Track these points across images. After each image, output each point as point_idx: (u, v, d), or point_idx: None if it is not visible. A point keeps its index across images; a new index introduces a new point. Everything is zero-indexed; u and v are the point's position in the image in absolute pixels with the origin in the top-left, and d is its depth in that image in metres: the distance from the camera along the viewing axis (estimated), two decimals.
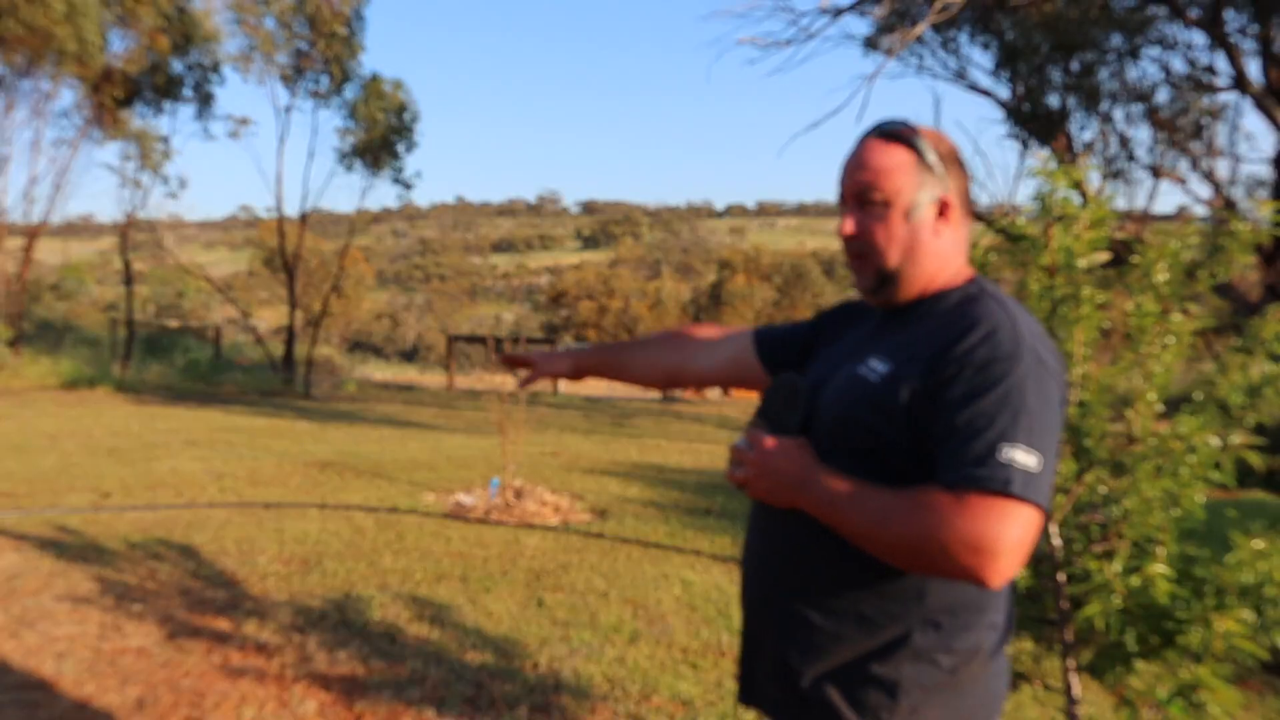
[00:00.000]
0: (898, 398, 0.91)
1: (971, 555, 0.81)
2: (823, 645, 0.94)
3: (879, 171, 0.96)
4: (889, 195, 0.95)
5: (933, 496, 0.84)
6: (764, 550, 1.02)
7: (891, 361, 0.94)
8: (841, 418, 0.95)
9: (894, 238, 0.96)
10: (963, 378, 0.87)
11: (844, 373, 0.98)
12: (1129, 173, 10.17)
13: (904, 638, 0.92)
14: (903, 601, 0.92)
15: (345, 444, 7.18)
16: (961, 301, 0.95)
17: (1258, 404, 1.58)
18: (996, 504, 0.82)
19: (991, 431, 0.84)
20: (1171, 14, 8.83)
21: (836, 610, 0.94)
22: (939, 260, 0.97)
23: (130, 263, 13.33)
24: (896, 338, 0.97)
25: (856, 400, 0.94)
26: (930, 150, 0.96)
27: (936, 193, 0.96)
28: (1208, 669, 1.40)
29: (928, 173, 0.96)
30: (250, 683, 2.41)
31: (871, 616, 0.92)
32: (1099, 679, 1.62)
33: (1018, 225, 1.68)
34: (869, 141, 0.98)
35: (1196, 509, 1.56)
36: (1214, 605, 1.45)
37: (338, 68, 12.10)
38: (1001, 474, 0.82)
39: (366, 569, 3.57)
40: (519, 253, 79.08)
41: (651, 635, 2.92)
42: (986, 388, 0.86)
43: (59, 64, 10.80)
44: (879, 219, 0.96)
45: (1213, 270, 1.62)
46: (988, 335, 0.89)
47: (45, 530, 3.95)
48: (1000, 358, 0.88)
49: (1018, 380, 0.87)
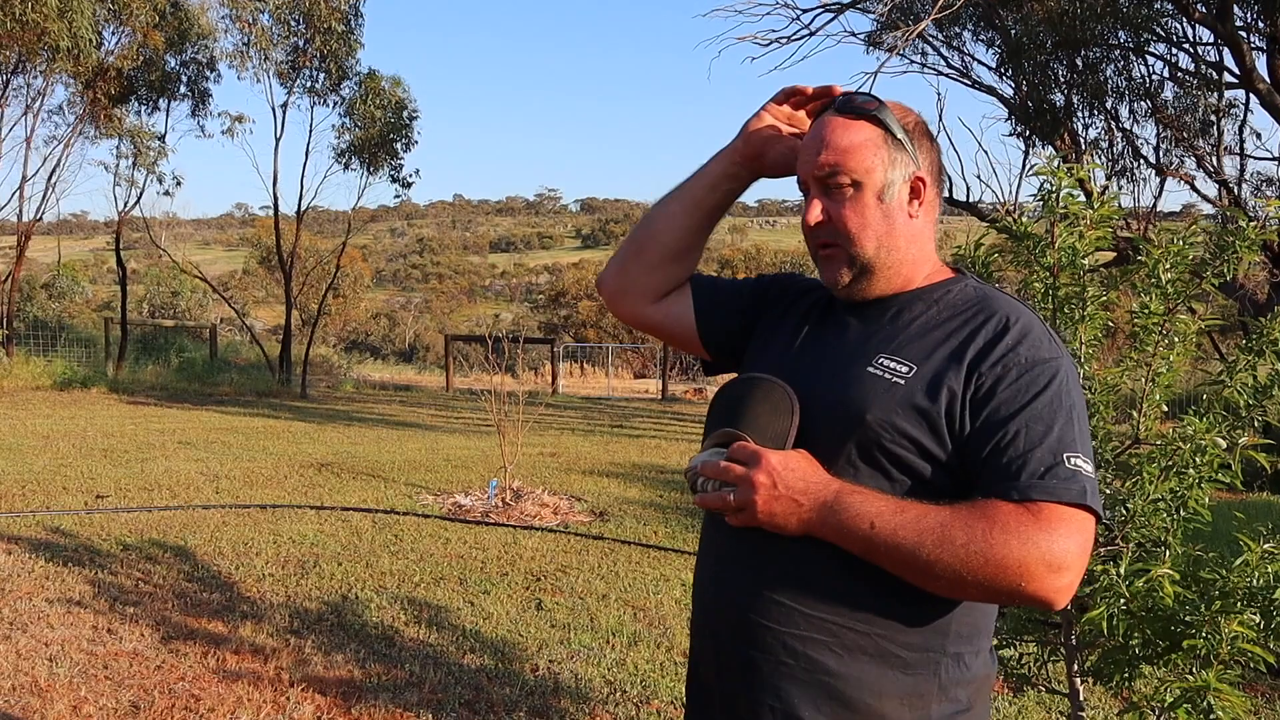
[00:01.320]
0: (935, 399, 0.81)
1: (1051, 573, 0.74)
2: (840, 693, 0.82)
3: (845, 150, 0.85)
4: (859, 175, 0.84)
5: (1001, 511, 0.75)
6: (745, 584, 0.86)
7: (911, 361, 0.83)
8: (861, 422, 0.82)
9: (868, 223, 0.85)
10: (1008, 379, 0.80)
11: (842, 373, 0.86)
12: (1134, 171, 10.18)
13: (933, 674, 0.83)
14: (928, 634, 0.83)
15: (342, 445, 7.15)
16: (973, 296, 0.87)
17: (1265, 405, 1.56)
18: (1073, 516, 0.76)
19: (1052, 438, 0.78)
20: (1177, 10, 8.81)
21: (855, 649, 0.82)
22: (918, 245, 0.88)
23: (124, 261, 13.26)
24: (899, 333, 0.86)
25: (883, 403, 0.82)
26: (897, 123, 0.86)
27: (910, 170, 0.86)
28: (1214, 673, 1.39)
29: (898, 148, 0.86)
30: (246, 686, 2.38)
31: (898, 654, 0.82)
32: (1104, 683, 1.60)
33: (1021, 224, 1.66)
34: (829, 119, 0.87)
35: (1203, 511, 1.54)
36: (1221, 608, 1.43)
37: (335, 65, 12.04)
38: (1075, 484, 0.76)
39: (364, 571, 3.55)
40: (518, 252, 79.03)
41: (651, 638, 2.90)
42: (1038, 391, 0.79)
43: (52, 60, 10.73)
44: (849, 203, 0.85)
45: (1219, 269, 1.60)
46: (1025, 334, 0.82)
47: (38, 532, 3.92)
48: (1045, 358, 0.81)
49: (1063, 381, 0.81)
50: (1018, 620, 1.73)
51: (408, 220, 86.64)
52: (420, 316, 45.34)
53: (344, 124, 12.40)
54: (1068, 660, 1.64)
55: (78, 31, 10.31)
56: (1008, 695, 2.50)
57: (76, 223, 47.28)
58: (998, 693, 2.53)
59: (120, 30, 11.59)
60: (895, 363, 0.84)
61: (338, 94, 12.35)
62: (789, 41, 8.65)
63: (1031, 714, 2.43)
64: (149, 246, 15.75)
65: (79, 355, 12.78)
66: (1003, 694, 2.51)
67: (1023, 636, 1.72)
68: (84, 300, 22.57)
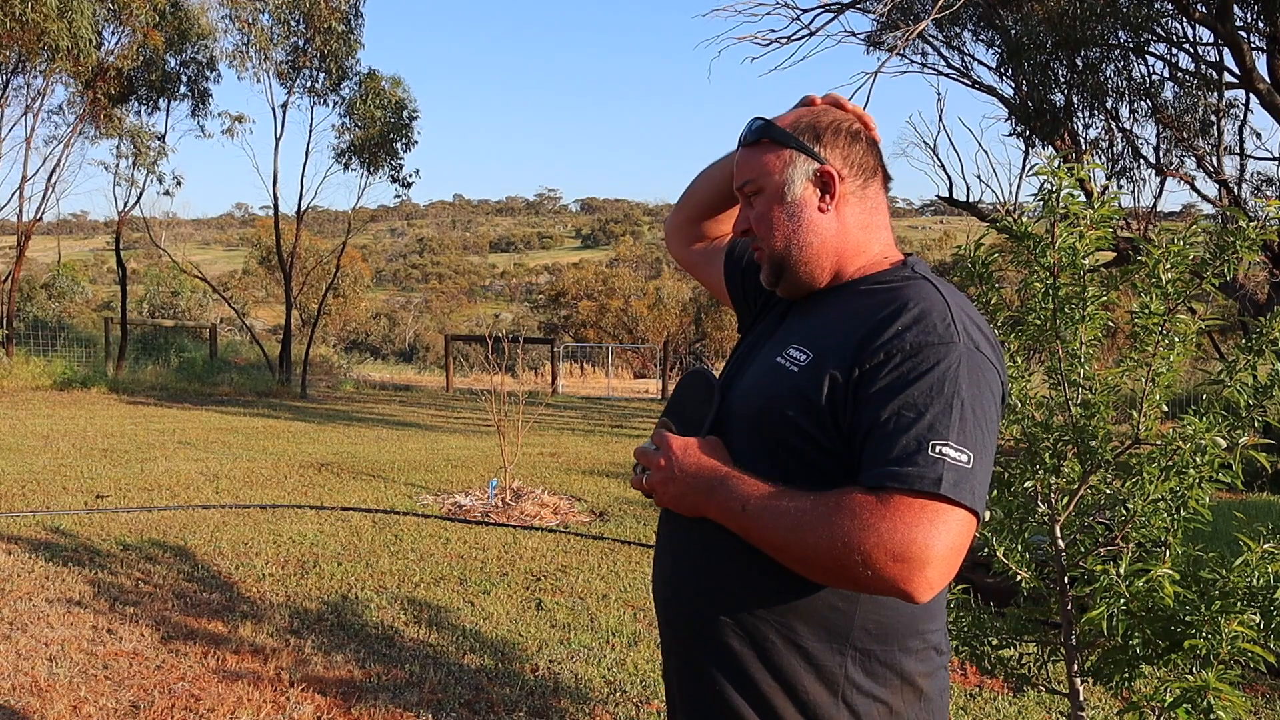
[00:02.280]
0: (820, 388, 0.81)
1: (896, 564, 0.72)
2: (753, 678, 0.83)
3: (746, 167, 0.94)
4: (760, 183, 0.92)
5: (852, 499, 0.75)
6: (674, 570, 0.91)
7: (811, 349, 0.85)
8: (760, 410, 0.85)
9: (774, 222, 0.91)
10: (890, 364, 0.78)
11: (762, 362, 0.90)
12: (1134, 171, 10.18)
13: (839, 667, 0.82)
14: (830, 626, 0.82)
15: (342, 445, 7.14)
16: (889, 283, 0.87)
17: (1266, 404, 1.56)
18: (925, 506, 0.72)
19: (920, 425, 0.75)
20: (1177, 10, 8.81)
21: (761, 636, 0.83)
22: (840, 238, 0.90)
23: (124, 261, 13.26)
24: (814, 323, 0.89)
25: (776, 392, 0.84)
26: (782, 130, 0.91)
27: (810, 166, 0.90)
28: (1215, 673, 1.39)
29: (795, 151, 0.90)
30: (246, 686, 2.38)
31: (801, 645, 0.82)
32: (1104, 683, 1.60)
33: (1022, 224, 1.66)
34: (738, 154, 0.97)
35: (1203, 511, 1.54)
36: (1221, 608, 1.43)
37: (335, 64, 12.04)
38: (931, 472, 0.73)
39: (364, 571, 3.55)
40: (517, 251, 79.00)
41: (651, 638, 2.90)
42: (916, 376, 0.76)
43: (52, 60, 10.73)
44: (758, 209, 0.93)
45: (1219, 269, 1.60)
46: (918, 318, 0.80)
47: (38, 532, 3.92)
48: (932, 343, 0.78)
49: (950, 367, 0.77)
50: (1018, 621, 1.73)
51: (408, 220, 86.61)
52: (420, 316, 45.32)
53: (344, 124, 12.41)
54: (1068, 660, 1.64)
55: (77, 31, 10.31)
56: (1008, 695, 2.50)
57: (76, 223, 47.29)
58: (997, 692, 2.53)
59: (120, 30, 11.60)
60: (798, 351, 0.86)
61: (338, 94, 12.35)
62: (789, 41, 8.65)
63: (1031, 714, 2.43)
64: (149, 246, 15.75)
65: (79, 355, 12.78)
66: (1003, 694, 2.51)
67: (1023, 637, 1.72)
68: (84, 300, 22.57)
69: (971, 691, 2.54)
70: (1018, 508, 1.67)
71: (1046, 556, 1.66)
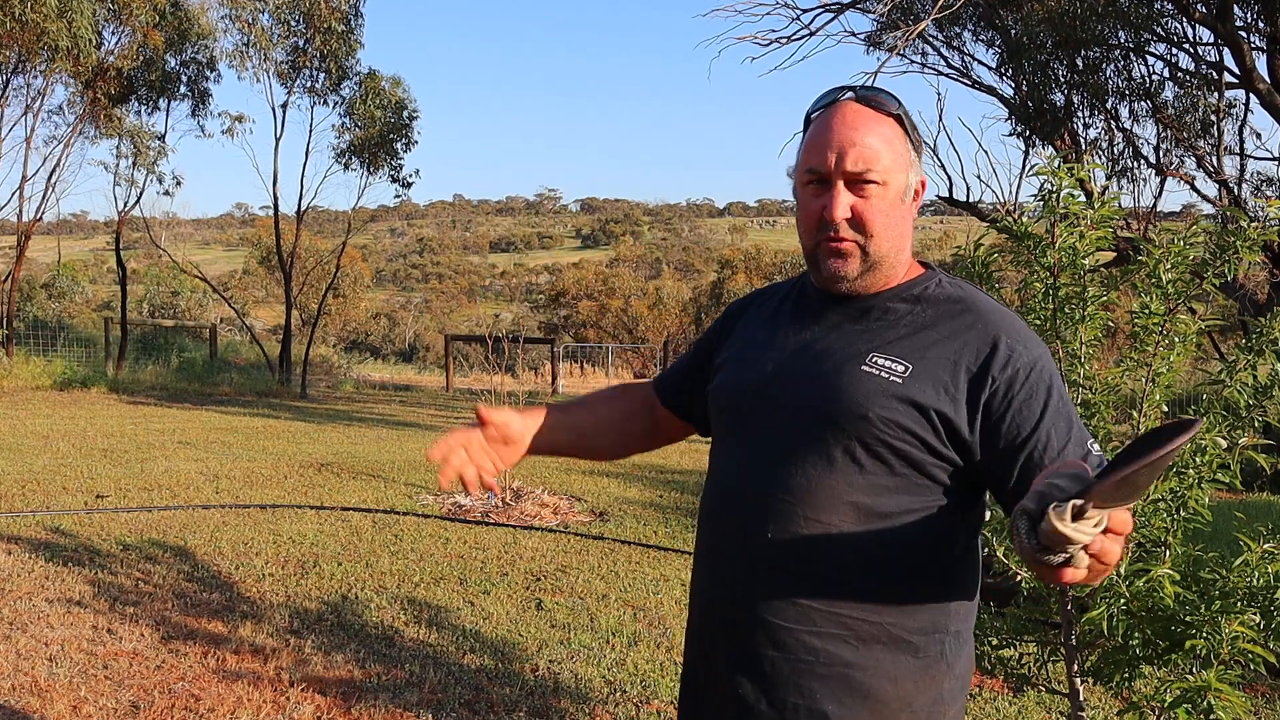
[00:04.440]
0: (934, 398, 0.84)
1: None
2: (860, 683, 0.84)
3: (877, 149, 0.84)
4: (887, 176, 0.85)
5: None
6: (756, 585, 0.87)
7: (907, 361, 0.85)
8: (866, 419, 0.84)
9: (891, 222, 0.86)
10: (1018, 383, 0.84)
11: (842, 373, 0.87)
12: (1134, 171, 10.17)
13: (940, 654, 0.86)
14: (934, 617, 0.86)
15: (342, 444, 7.15)
16: (952, 296, 0.90)
17: (1266, 405, 1.56)
18: None
19: (1076, 431, 0.84)
20: (1178, 10, 8.81)
21: (869, 639, 0.84)
22: (909, 243, 0.92)
23: (124, 261, 13.26)
24: (887, 333, 0.87)
25: (884, 402, 0.84)
26: (914, 126, 0.89)
27: (919, 173, 0.90)
28: (1215, 673, 1.39)
29: (914, 151, 0.88)
30: (246, 686, 2.38)
31: (908, 639, 0.85)
32: (1104, 683, 1.60)
33: (1022, 224, 1.66)
34: (855, 110, 0.86)
35: (1203, 511, 1.54)
36: (1221, 608, 1.43)
37: (335, 65, 12.04)
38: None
39: (364, 571, 3.54)
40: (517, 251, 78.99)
41: (651, 638, 2.90)
42: (1046, 390, 0.85)
43: (51, 60, 10.73)
44: (875, 200, 0.85)
45: (1220, 269, 1.60)
46: (1014, 333, 0.87)
47: (38, 532, 3.92)
48: (1039, 354, 0.87)
49: (1054, 373, 0.87)
50: (1018, 621, 1.73)
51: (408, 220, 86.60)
52: (420, 316, 45.32)
53: (344, 124, 12.40)
54: (1068, 660, 1.64)
55: (77, 31, 10.31)
56: (1008, 695, 2.49)
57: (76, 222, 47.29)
58: (997, 692, 2.53)
59: (120, 30, 11.59)
60: (890, 361, 0.87)
61: (338, 94, 12.34)
62: (789, 41, 8.65)
63: (1032, 714, 2.43)
64: (149, 246, 15.75)
65: (79, 355, 12.78)
66: (1003, 694, 2.51)
67: (1023, 637, 1.72)
68: (84, 300, 22.57)
69: (971, 691, 2.54)
70: None
71: None
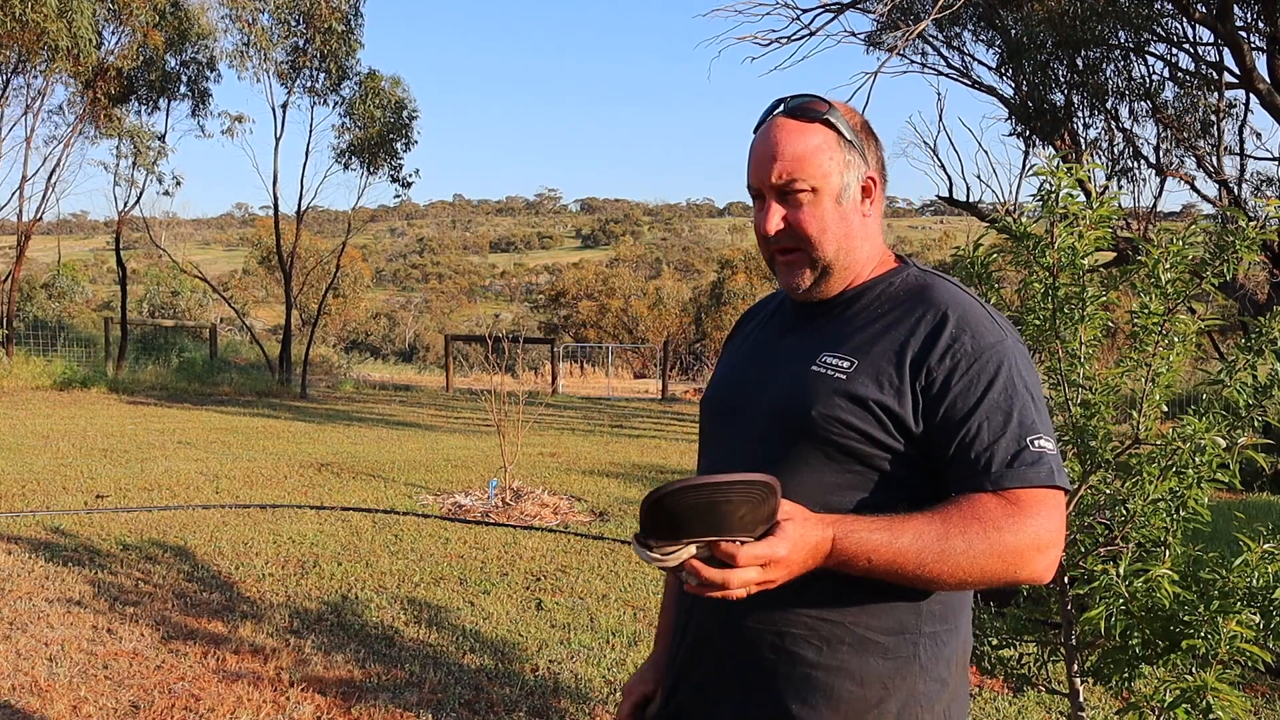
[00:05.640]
0: (875, 392, 0.83)
1: (1039, 555, 0.78)
2: (826, 684, 0.83)
3: (801, 157, 0.85)
4: (816, 181, 0.85)
5: (987, 507, 0.78)
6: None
7: (852, 356, 0.85)
8: (811, 419, 0.84)
9: (828, 227, 0.87)
10: (959, 371, 0.82)
11: (788, 375, 0.88)
12: (1134, 171, 10.18)
13: (913, 656, 0.84)
14: (903, 618, 0.83)
15: (342, 445, 7.14)
16: (912, 287, 0.88)
17: (1265, 404, 1.56)
18: (1045, 497, 0.79)
19: (1014, 425, 0.81)
20: (1178, 10, 8.82)
21: (834, 640, 0.83)
22: (870, 244, 0.90)
23: (124, 261, 13.26)
24: (840, 330, 0.88)
25: (827, 400, 0.84)
26: (847, 125, 0.87)
27: (862, 170, 0.88)
28: (1214, 673, 1.39)
29: (850, 150, 0.87)
30: (246, 686, 2.38)
31: (876, 641, 0.83)
32: (1104, 683, 1.60)
33: (1021, 224, 1.67)
34: (781, 123, 0.87)
35: (1203, 511, 1.54)
36: (1220, 608, 1.43)
37: (335, 65, 12.05)
38: (1044, 466, 0.80)
39: (364, 571, 3.55)
40: (517, 251, 78.99)
41: (651, 638, 2.90)
42: (990, 379, 0.82)
43: (52, 60, 10.73)
44: (808, 208, 0.86)
45: (1219, 269, 1.60)
46: (964, 320, 0.84)
47: (38, 532, 3.92)
48: (991, 343, 0.83)
49: (1013, 363, 0.83)
50: (1018, 621, 1.73)
51: (408, 220, 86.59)
52: (420, 316, 45.32)
53: (344, 124, 12.41)
54: (1067, 660, 1.64)
55: (77, 31, 10.32)
56: (1008, 695, 2.50)
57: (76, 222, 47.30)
58: (997, 692, 2.53)
59: (120, 30, 11.60)
60: (837, 358, 0.86)
61: (338, 94, 12.35)
62: (789, 41, 8.67)
63: (1031, 714, 2.43)
64: (149, 246, 15.75)
65: (79, 355, 12.78)
66: (1003, 694, 2.51)
67: (1023, 637, 1.73)
68: (84, 300, 22.57)
69: (971, 691, 2.54)
70: None
71: None
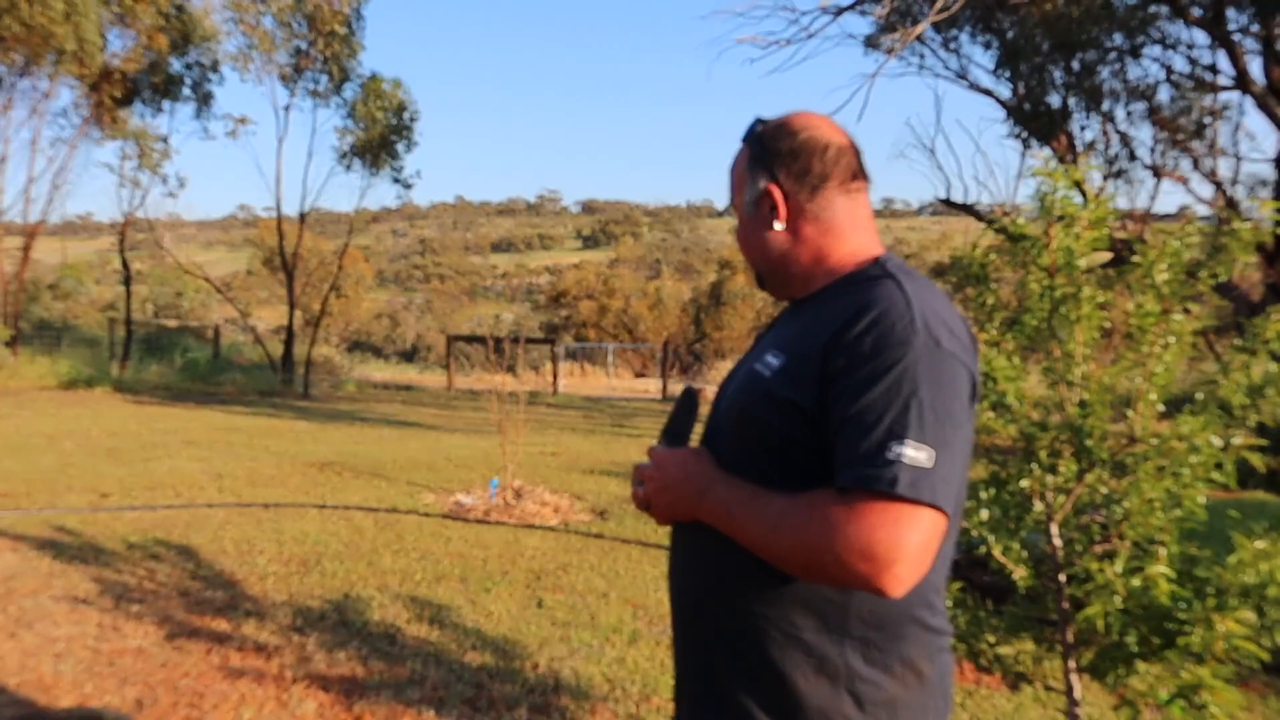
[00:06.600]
0: (793, 390, 0.84)
1: (865, 563, 0.75)
2: (760, 674, 0.85)
3: (730, 183, 0.98)
4: (736, 198, 0.97)
5: (822, 501, 0.78)
6: (683, 563, 0.94)
7: (784, 353, 0.88)
8: (739, 417, 0.89)
9: (746, 239, 0.97)
10: (852, 368, 0.80)
11: (743, 371, 0.95)
12: (1130, 172, 10.20)
13: (839, 655, 0.83)
14: (827, 614, 0.84)
15: (344, 444, 7.17)
16: (856, 285, 0.88)
17: (1260, 404, 1.57)
18: (888, 507, 0.75)
19: (881, 428, 0.77)
20: (1173, 13, 8.84)
21: (763, 634, 0.85)
22: (805, 248, 0.92)
23: (129, 262, 13.32)
24: (789, 329, 0.93)
25: (751, 398, 0.88)
26: (760, 142, 0.94)
27: (760, 185, 0.93)
28: (1209, 670, 1.40)
29: (756, 166, 0.94)
30: (249, 683, 2.40)
31: (800, 637, 0.84)
32: (1100, 680, 1.61)
33: (1018, 225, 1.68)
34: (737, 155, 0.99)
35: (1198, 509, 1.55)
36: (1215, 606, 1.44)
37: (337, 67, 12.10)
38: (888, 473, 0.75)
39: (366, 569, 3.56)
40: (518, 252, 79.06)
41: (652, 636, 2.91)
42: (875, 378, 0.78)
43: (57, 63, 10.79)
44: (738, 225, 0.97)
45: (1214, 270, 1.62)
46: (877, 319, 0.81)
47: (43, 530, 3.94)
48: (890, 344, 0.79)
49: (908, 367, 0.78)
50: (1014, 618, 1.74)
51: (410, 221, 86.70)
52: (422, 317, 45.38)
53: (346, 125, 12.46)
54: (1064, 657, 1.65)
55: (83, 35, 10.37)
56: (1004, 692, 2.51)
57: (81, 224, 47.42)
58: (994, 689, 2.54)
59: (125, 33, 11.66)
60: (773, 357, 0.89)
61: (340, 95, 12.41)
62: (788, 44, 8.68)
63: (1028, 710, 2.44)
64: (153, 247, 15.80)
65: (84, 355, 12.83)
66: (999, 691, 2.52)
67: (1019, 634, 1.74)
68: (89, 301, 22.65)
69: (969, 688, 2.55)
70: (1014, 506, 1.68)
71: (1043, 555, 1.67)
